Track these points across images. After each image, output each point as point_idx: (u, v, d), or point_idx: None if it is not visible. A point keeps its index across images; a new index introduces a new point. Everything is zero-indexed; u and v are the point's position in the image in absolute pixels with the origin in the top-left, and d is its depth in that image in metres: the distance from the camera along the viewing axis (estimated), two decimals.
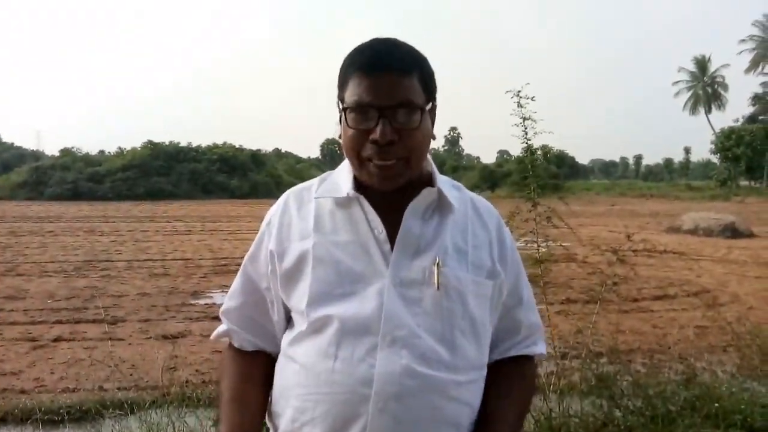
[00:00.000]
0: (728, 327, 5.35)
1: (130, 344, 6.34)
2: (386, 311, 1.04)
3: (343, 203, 1.13)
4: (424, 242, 1.10)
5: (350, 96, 1.05)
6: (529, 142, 3.91)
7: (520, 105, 3.75)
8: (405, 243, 1.09)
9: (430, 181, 1.15)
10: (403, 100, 1.04)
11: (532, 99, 3.75)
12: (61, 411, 4.20)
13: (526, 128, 3.84)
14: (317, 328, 1.07)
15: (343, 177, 1.16)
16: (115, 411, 3.77)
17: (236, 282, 1.22)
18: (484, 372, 1.14)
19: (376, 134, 1.03)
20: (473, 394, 1.10)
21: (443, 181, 1.17)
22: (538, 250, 3.98)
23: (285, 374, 1.12)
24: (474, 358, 1.10)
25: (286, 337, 1.15)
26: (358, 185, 1.12)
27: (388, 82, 1.04)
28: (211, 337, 1.27)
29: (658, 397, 3.73)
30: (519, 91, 3.73)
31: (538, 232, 3.86)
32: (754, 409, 3.63)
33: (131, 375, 5.28)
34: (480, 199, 1.25)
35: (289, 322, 1.18)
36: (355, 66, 1.06)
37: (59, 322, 7.24)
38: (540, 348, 1.25)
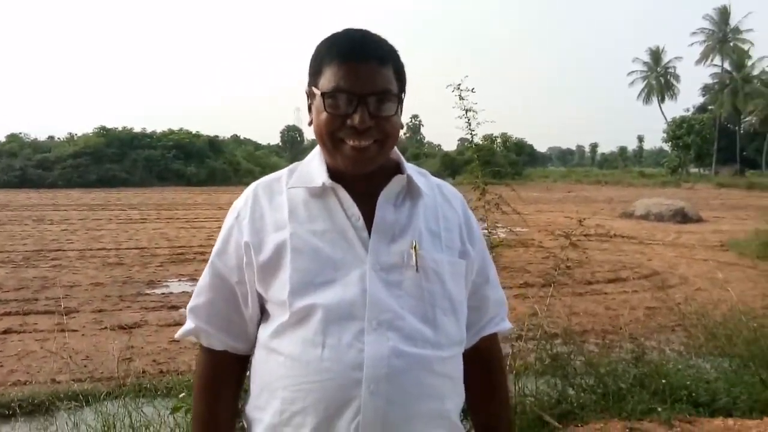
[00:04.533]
0: (676, 308, 5.56)
1: (83, 335, 6.20)
2: (370, 296, 1.07)
3: (317, 193, 1.14)
4: (398, 227, 1.14)
5: (328, 82, 1.07)
6: (473, 132, 4.05)
7: (461, 98, 3.88)
8: (381, 229, 1.12)
9: (397, 169, 1.19)
10: (381, 89, 1.07)
11: (472, 91, 3.90)
12: (12, 404, 4.10)
13: (469, 119, 3.98)
14: (301, 317, 1.08)
15: (315, 166, 1.17)
16: (70, 403, 3.68)
17: (204, 278, 1.21)
18: (463, 346, 1.19)
19: (354, 120, 1.05)
20: (455, 368, 1.16)
21: (410, 169, 1.20)
22: (489, 235, 4.08)
23: (268, 367, 1.12)
24: (454, 334, 1.15)
25: (265, 330, 1.14)
26: (332, 174, 1.14)
27: (367, 71, 1.06)
28: (176, 336, 1.27)
29: (609, 375, 3.87)
30: (459, 85, 3.86)
31: (487, 218, 3.97)
32: (699, 384, 3.81)
33: (86, 366, 5.17)
34: (445, 184, 1.30)
35: (262, 314, 1.18)
36: (333, 53, 1.08)
37: (8, 313, 7.04)
38: (507, 324, 1.33)
